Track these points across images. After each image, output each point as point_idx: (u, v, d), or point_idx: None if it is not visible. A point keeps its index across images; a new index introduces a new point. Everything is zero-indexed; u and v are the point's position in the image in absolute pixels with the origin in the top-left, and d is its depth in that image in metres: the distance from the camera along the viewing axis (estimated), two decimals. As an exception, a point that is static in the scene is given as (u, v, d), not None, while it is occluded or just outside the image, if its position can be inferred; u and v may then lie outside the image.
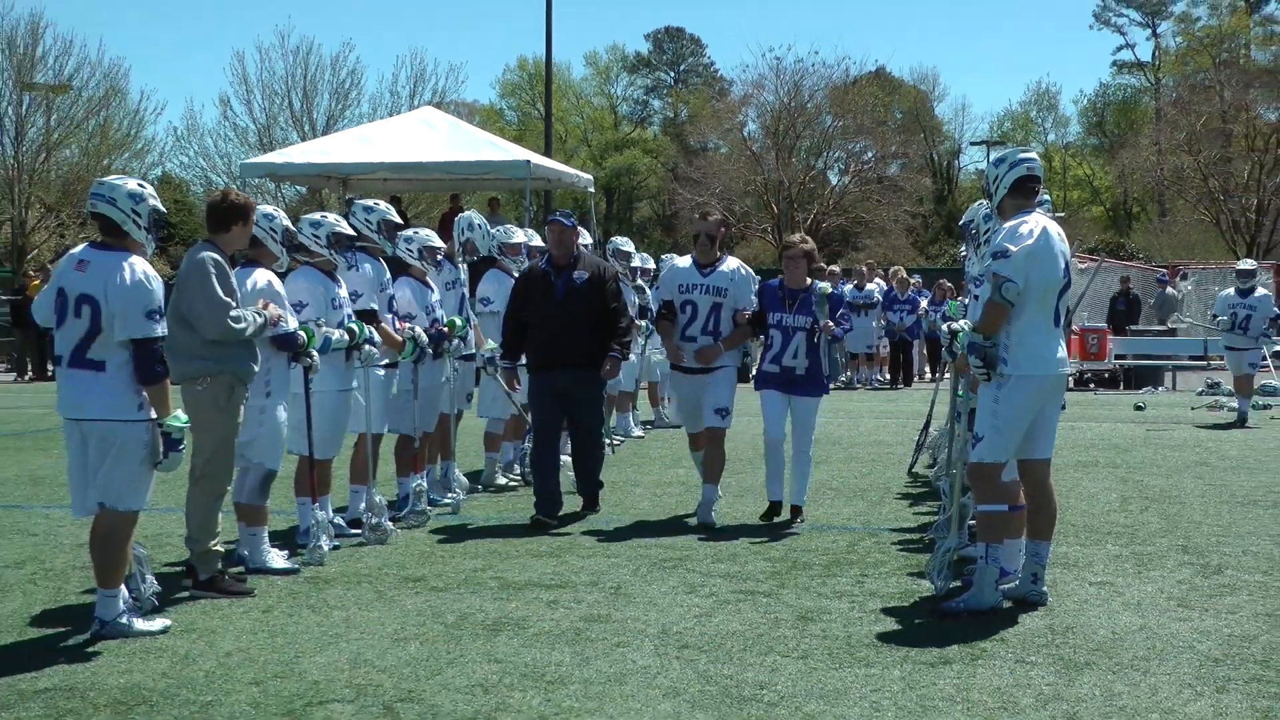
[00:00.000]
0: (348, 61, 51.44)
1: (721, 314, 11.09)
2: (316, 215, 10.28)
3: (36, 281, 32.42)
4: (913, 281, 29.95)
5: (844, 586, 8.80)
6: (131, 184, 7.88)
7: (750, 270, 11.48)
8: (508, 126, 72.00)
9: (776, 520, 10.99)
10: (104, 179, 8.02)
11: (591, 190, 27.45)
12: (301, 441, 9.59)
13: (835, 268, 33.70)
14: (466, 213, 13.43)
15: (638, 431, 18.56)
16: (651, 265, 18.74)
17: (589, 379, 11.28)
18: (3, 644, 7.57)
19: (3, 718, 6.22)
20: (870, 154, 62.72)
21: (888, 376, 29.13)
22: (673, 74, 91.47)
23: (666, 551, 9.84)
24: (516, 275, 12.37)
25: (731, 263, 11.35)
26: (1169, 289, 34.27)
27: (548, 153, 37.65)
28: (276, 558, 9.28)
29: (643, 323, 16.64)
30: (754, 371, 11.68)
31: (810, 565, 9.45)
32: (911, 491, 12.83)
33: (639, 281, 17.72)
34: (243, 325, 8.40)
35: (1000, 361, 8.03)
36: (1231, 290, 19.92)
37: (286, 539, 9.88)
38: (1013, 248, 7.90)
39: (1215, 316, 20.09)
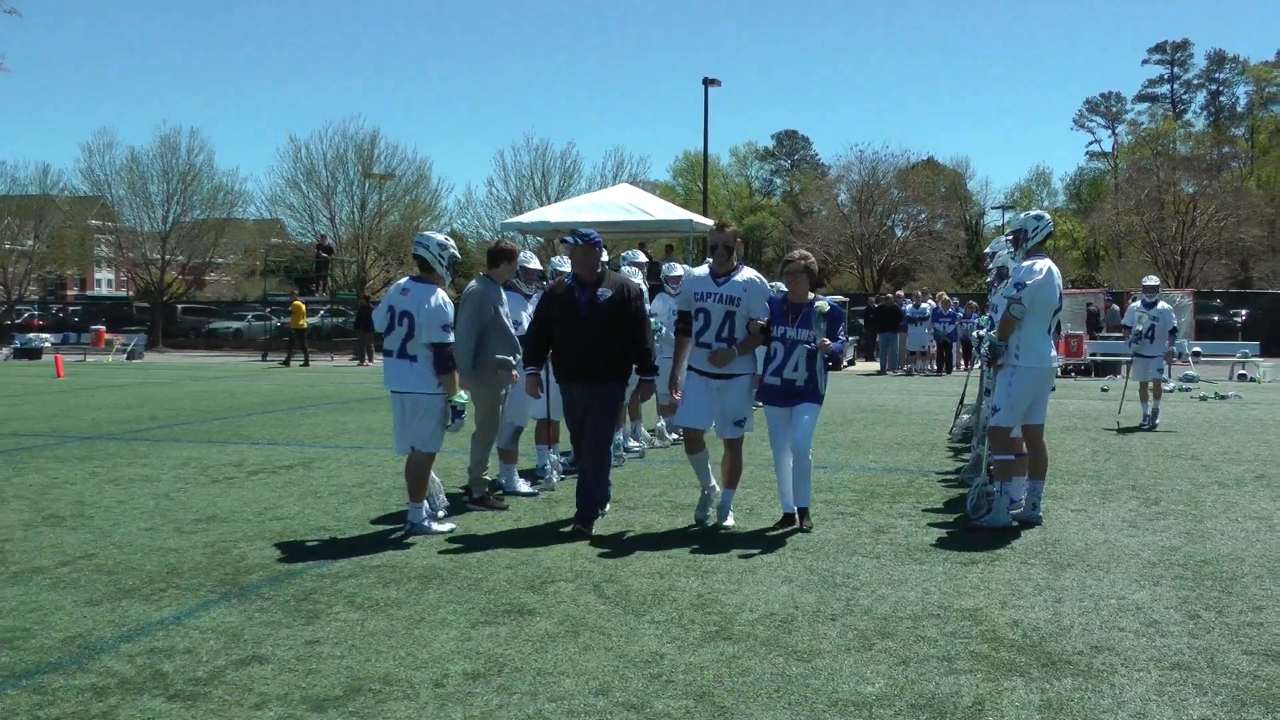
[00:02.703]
0: (571, 154, 52.63)
1: (735, 322, 7.98)
2: (554, 259, 10.44)
3: (364, 301, 33.63)
4: (952, 302, 29.54)
5: (905, 510, 8.67)
6: (441, 237, 8.07)
7: (765, 281, 8.25)
8: (677, 196, 71.89)
9: (791, 528, 7.95)
10: (423, 233, 8.22)
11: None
12: (542, 408, 9.67)
13: (900, 292, 33.24)
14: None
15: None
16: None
17: (605, 394, 8.03)
18: (352, 535, 7.75)
19: (350, 582, 6.37)
20: (923, 215, 62.02)
21: (935, 367, 28.60)
22: (789, 161, 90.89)
23: (783, 484, 9.78)
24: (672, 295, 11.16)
25: (746, 273, 8.14)
26: (1113, 306, 35.16)
27: (705, 214, 37.58)
28: (523, 485, 9.39)
29: None
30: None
31: (882, 495, 9.32)
32: (952, 446, 12.56)
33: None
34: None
35: (1013, 357, 8.05)
36: (1139, 303, 15.69)
37: (530, 474, 9.94)
38: (1028, 282, 8.00)
39: (1128, 328, 15.78)
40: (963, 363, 28.82)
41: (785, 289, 8.17)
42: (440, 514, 8.10)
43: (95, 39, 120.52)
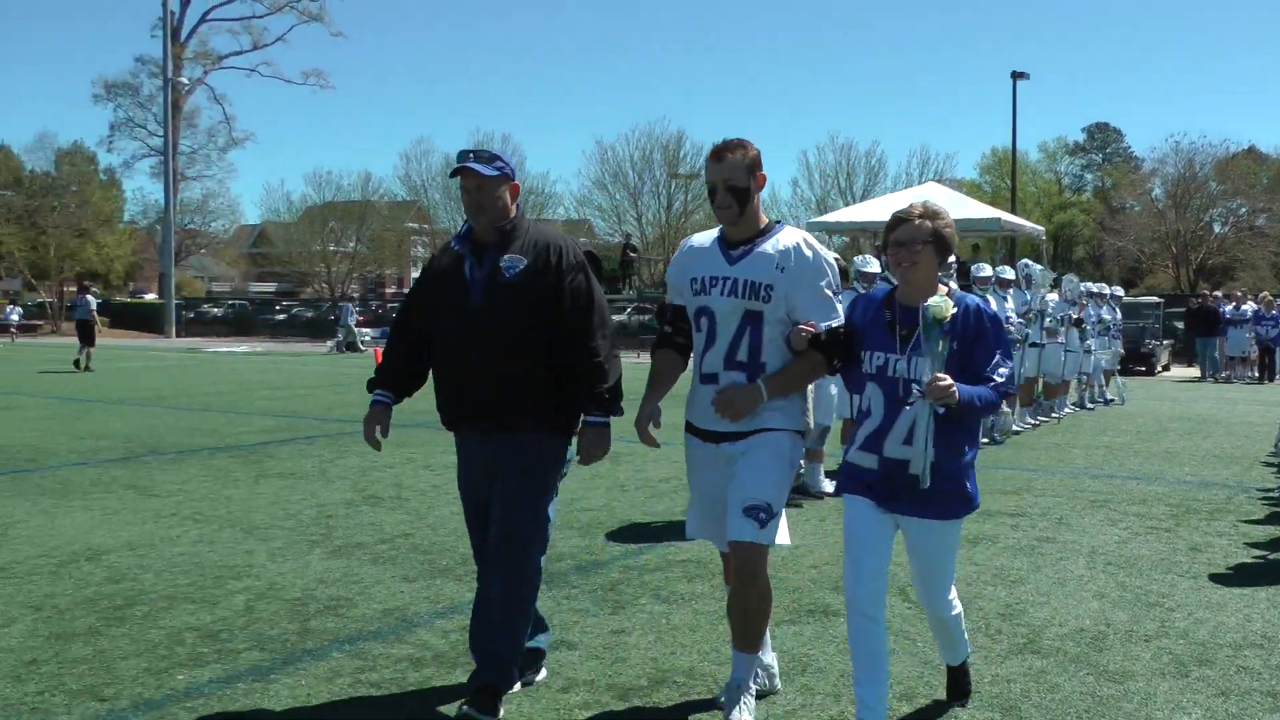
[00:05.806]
0: (876, 153, 51.86)
1: (762, 332, 4.14)
2: (858, 259, 10.45)
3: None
4: (1275, 303, 27.22)
5: (1224, 528, 8.12)
6: None
7: (823, 251, 4.21)
8: (984, 194, 69.42)
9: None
10: None
11: (1043, 238, 26.20)
12: (846, 407, 9.55)
13: (1218, 293, 30.91)
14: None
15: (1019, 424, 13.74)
16: (1010, 275, 14.00)
17: (520, 450, 4.33)
18: (657, 529, 7.85)
19: (656, 575, 6.50)
20: (1244, 210, 57.23)
21: (1256, 374, 26.46)
22: (1100, 155, 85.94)
23: (1095, 495, 9.35)
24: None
25: (787, 237, 4.24)
26: None
27: (1013, 212, 36.25)
28: (828, 484, 9.20)
29: (1014, 327, 13.05)
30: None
31: (1199, 511, 8.76)
32: (1274, 461, 11.62)
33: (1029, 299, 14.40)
34: None
35: None
36: None
37: (834, 474, 9.87)
38: None
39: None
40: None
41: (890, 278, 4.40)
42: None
43: (413, 54, 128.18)
